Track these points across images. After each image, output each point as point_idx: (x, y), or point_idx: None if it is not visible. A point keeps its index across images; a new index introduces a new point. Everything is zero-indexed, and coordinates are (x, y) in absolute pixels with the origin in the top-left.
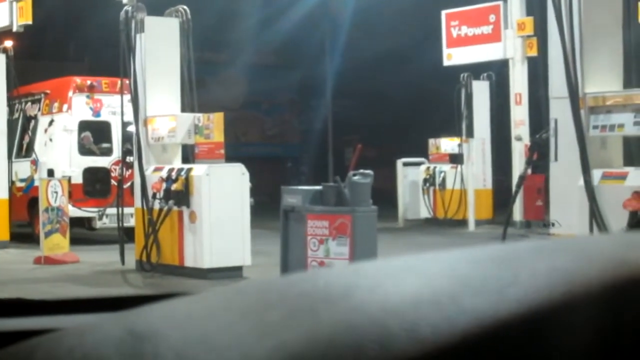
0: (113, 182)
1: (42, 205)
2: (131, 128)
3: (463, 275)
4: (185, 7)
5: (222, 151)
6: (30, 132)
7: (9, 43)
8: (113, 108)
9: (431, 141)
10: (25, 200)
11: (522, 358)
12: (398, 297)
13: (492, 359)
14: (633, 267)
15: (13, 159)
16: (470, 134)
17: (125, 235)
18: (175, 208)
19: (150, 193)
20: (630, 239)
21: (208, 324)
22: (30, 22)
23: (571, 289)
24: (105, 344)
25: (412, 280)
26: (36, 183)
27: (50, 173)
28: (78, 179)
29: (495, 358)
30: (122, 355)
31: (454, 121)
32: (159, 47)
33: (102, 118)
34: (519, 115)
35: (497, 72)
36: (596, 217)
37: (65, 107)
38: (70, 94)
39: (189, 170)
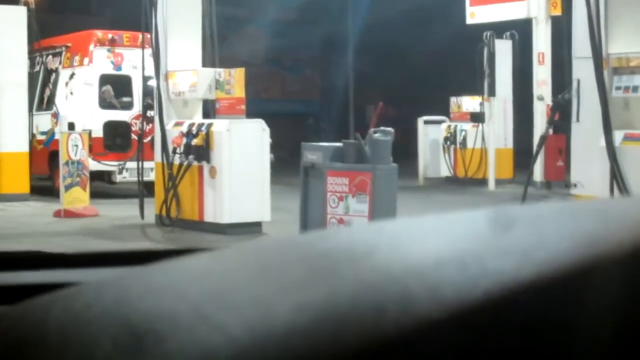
0: (133, 136)
1: (62, 158)
2: (152, 82)
3: (487, 236)
4: None
5: (243, 107)
6: (51, 85)
7: None
8: (134, 62)
9: (453, 99)
10: (46, 154)
11: (546, 320)
12: (420, 257)
13: (515, 320)
14: None
15: (34, 112)
16: (492, 93)
17: (145, 189)
18: (195, 163)
19: (170, 148)
20: None
21: (227, 281)
22: None
23: (596, 251)
24: (124, 300)
25: (435, 240)
26: (57, 136)
27: (71, 126)
28: (98, 132)
29: (519, 320)
30: (140, 311)
31: (476, 80)
32: (180, 1)
33: (123, 72)
34: (542, 75)
35: (521, 31)
36: (617, 178)
37: (86, 60)
38: (91, 47)
39: (210, 125)
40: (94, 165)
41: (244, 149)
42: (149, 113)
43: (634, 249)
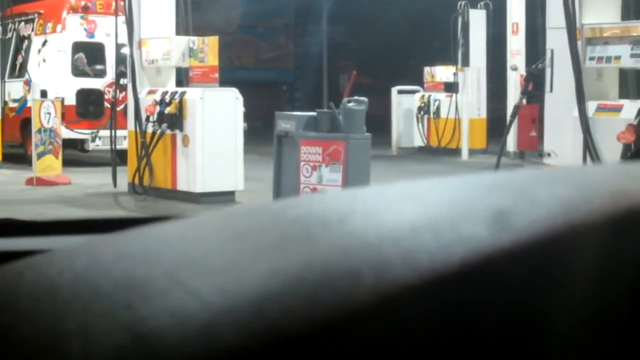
0: (106, 104)
1: (34, 126)
2: (125, 50)
3: (462, 202)
4: None
5: (216, 75)
6: (23, 52)
7: None
8: (107, 29)
9: (426, 69)
10: (18, 121)
11: (521, 287)
12: (394, 223)
13: (490, 287)
14: (633, 198)
15: (6, 79)
16: (465, 62)
17: (118, 157)
18: (168, 131)
19: (143, 116)
20: (630, 169)
21: (200, 247)
22: None
23: (572, 218)
24: (97, 266)
25: (409, 206)
26: (29, 104)
27: (44, 94)
28: (71, 100)
29: (493, 286)
30: (113, 277)
31: (450, 49)
32: None
33: (96, 39)
34: (516, 45)
35: (495, 0)
36: (590, 148)
37: (59, 27)
38: (64, 14)
39: (183, 93)
40: (66, 133)
41: (217, 118)
42: (122, 81)
43: (609, 216)
